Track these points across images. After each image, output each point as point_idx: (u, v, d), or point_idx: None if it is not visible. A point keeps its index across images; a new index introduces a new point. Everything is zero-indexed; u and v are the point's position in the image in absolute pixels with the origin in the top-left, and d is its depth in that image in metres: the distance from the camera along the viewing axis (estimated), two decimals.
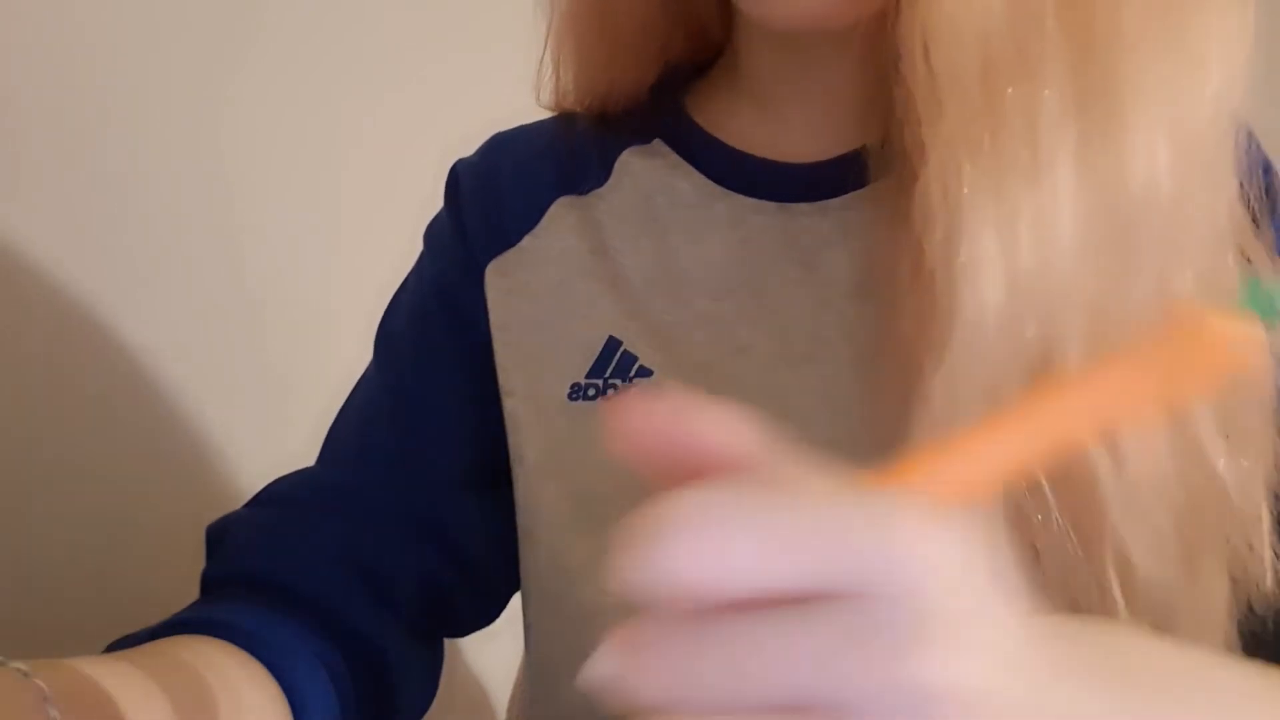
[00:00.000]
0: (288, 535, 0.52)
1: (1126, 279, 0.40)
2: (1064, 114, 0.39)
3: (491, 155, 0.59)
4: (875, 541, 0.22)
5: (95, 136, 0.67)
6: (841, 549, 0.22)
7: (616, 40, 0.54)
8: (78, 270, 0.65)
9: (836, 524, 0.22)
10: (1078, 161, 0.39)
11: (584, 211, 0.54)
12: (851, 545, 0.22)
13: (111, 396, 0.68)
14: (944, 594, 0.22)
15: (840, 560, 0.22)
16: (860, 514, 0.22)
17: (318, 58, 0.79)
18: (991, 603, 0.23)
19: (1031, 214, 0.38)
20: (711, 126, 0.54)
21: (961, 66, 0.39)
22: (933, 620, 0.22)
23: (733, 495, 0.23)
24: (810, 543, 0.22)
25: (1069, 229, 0.39)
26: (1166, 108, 0.39)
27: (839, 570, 0.22)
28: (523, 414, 0.53)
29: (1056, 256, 0.39)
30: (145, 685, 0.39)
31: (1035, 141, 0.38)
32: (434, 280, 0.57)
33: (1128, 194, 0.39)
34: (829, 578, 0.22)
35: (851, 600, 0.22)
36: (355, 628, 0.51)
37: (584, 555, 0.51)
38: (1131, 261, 0.40)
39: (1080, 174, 0.39)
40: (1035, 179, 0.38)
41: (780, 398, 0.47)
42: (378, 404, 0.56)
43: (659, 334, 0.51)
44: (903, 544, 0.22)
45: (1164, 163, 0.39)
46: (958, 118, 0.39)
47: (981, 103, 0.39)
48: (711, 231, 0.51)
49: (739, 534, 0.22)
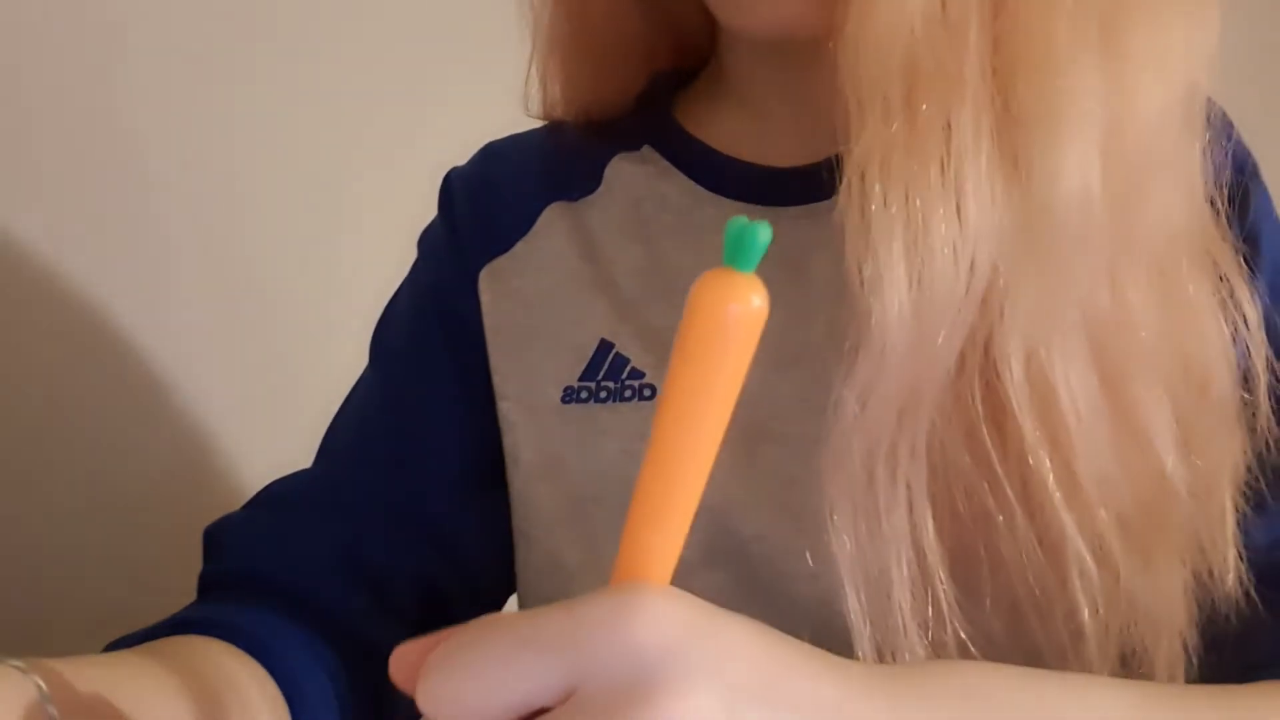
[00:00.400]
0: (285, 536, 0.52)
1: (1058, 287, 0.40)
2: (979, 132, 0.39)
3: (484, 164, 0.59)
4: (584, 642, 0.27)
5: (97, 142, 0.68)
6: (560, 657, 0.27)
7: (601, 56, 0.55)
8: (78, 273, 0.66)
9: (552, 639, 0.28)
10: (993, 179, 0.39)
11: (575, 217, 0.55)
12: (568, 651, 0.27)
13: (110, 398, 0.68)
14: (656, 656, 0.27)
15: (565, 666, 0.27)
16: (570, 623, 0.28)
17: (316, 67, 0.80)
18: (713, 650, 0.29)
19: (942, 230, 0.38)
20: (700, 132, 0.54)
21: (883, 81, 0.39)
22: (653, 677, 0.27)
23: (478, 637, 0.28)
24: (530, 663, 0.28)
25: (986, 246, 0.39)
26: (1098, 122, 0.39)
27: (572, 672, 0.27)
28: (517, 416, 0.53)
29: (970, 271, 0.39)
30: (143, 685, 0.39)
31: (947, 159, 0.39)
32: (428, 286, 0.58)
33: (1051, 208, 0.39)
34: (568, 680, 0.27)
35: (580, 690, 0.27)
36: (352, 628, 0.51)
37: (578, 556, 0.51)
38: (1061, 270, 0.40)
39: (996, 191, 0.39)
40: (946, 196, 0.38)
41: (769, 401, 0.48)
42: (374, 407, 0.57)
43: (651, 336, 0.51)
44: (599, 634, 0.27)
45: (1095, 175, 0.39)
46: (875, 133, 0.39)
47: (899, 118, 0.39)
48: (701, 235, 0.52)
49: (475, 673, 0.28)
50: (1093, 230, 0.40)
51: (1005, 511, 0.40)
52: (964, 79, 0.39)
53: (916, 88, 0.39)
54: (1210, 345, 0.43)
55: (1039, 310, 0.40)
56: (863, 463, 0.40)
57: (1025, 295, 0.39)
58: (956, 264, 0.39)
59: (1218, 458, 0.43)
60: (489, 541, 0.55)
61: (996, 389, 0.40)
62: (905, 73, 0.39)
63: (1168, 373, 0.42)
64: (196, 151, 0.73)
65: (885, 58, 0.39)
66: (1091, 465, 0.40)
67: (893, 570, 0.40)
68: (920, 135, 0.39)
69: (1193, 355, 0.43)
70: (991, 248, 0.39)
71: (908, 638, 0.40)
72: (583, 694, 0.27)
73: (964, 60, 0.39)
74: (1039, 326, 0.40)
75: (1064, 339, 0.40)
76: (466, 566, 0.55)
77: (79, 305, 0.66)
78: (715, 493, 0.32)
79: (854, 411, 0.39)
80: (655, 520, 0.29)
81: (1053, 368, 0.40)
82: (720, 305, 0.27)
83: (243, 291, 0.77)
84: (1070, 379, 0.40)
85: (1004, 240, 0.39)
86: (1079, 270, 0.40)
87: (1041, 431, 0.40)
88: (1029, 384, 0.40)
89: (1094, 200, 0.39)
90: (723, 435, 0.29)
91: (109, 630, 0.46)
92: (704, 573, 0.47)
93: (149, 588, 0.56)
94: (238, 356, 0.77)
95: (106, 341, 0.68)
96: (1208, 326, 0.43)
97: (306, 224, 0.81)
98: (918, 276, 0.38)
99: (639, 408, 0.50)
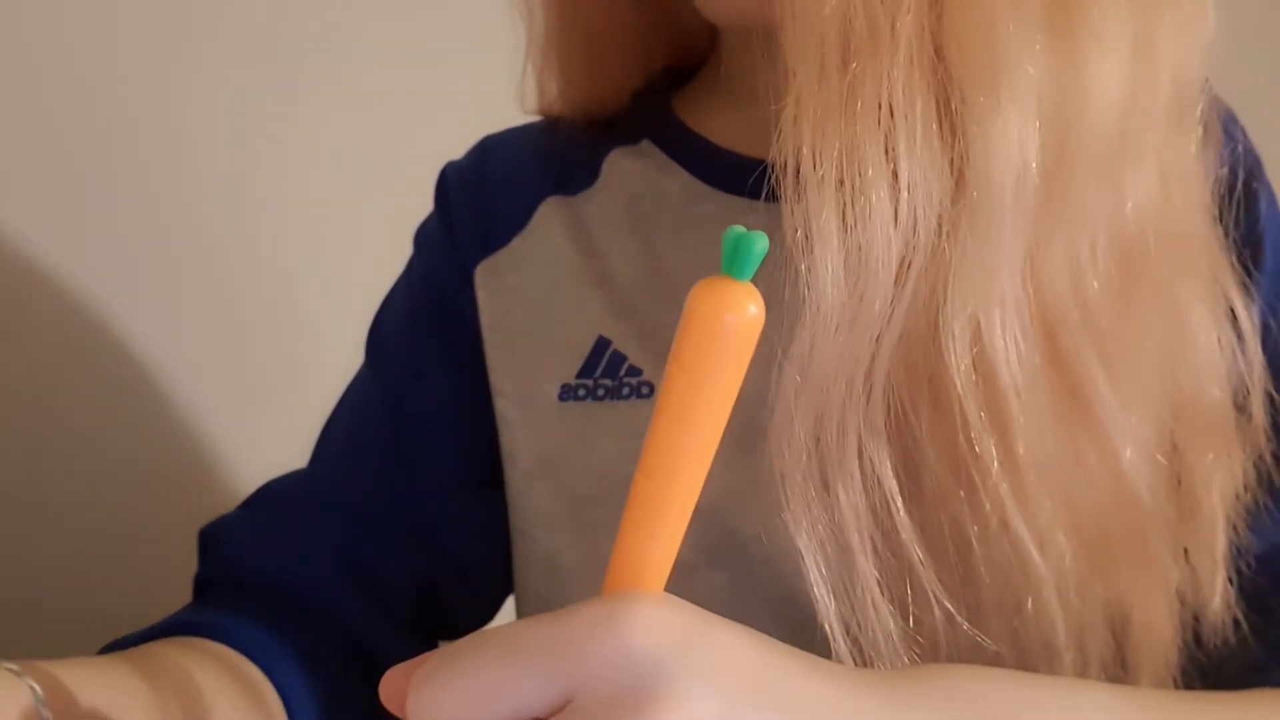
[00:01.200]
0: (281, 537, 0.52)
1: (999, 259, 0.38)
2: (913, 94, 0.37)
3: (481, 158, 0.59)
4: (578, 650, 0.28)
5: (94, 141, 0.67)
6: (554, 666, 0.28)
7: (596, 55, 0.54)
8: (77, 274, 0.66)
9: (545, 648, 0.28)
10: (929, 143, 0.38)
11: (573, 212, 0.54)
12: (561, 660, 0.28)
13: (107, 399, 0.68)
14: (652, 662, 0.28)
15: (559, 674, 0.28)
16: (563, 632, 0.28)
17: (310, 62, 0.80)
18: (708, 654, 0.29)
19: (876, 194, 0.37)
20: (699, 127, 0.54)
21: (816, 41, 0.38)
22: (650, 683, 0.27)
23: (468, 651, 0.28)
24: (523, 672, 0.28)
25: (924, 211, 0.38)
26: (1041, 93, 0.38)
27: (566, 681, 0.28)
28: (514, 414, 0.53)
29: (908, 237, 0.38)
30: (138, 687, 0.39)
31: (880, 121, 0.37)
32: (425, 282, 0.57)
33: (988, 176, 0.38)
34: (562, 689, 0.28)
35: (576, 699, 0.27)
36: (349, 628, 0.51)
37: (576, 555, 0.51)
38: (1001, 241, 0.38)
39: (933, 155, 0.38)
40: (880, 158, 0.37)
41: (770, 400, 0.48)
42: (370, 406, 0.56)
43: (648, 334, 0.51)
44: (594, 643, 0.28)
45: (1034, 147, 0.38)
46: (807, 93, 0.38)
47: (833, 78, 0.38)
48: (699, 231, 0.51)
49: (464, 683, 0.28)
50: (1033, 202, 0.38)
51: (966, 493, 0.40)
52: (898, 39, 0.37)
53: (849, 47, 0.38)
54: (1200, 355, 0.42)
55: (980, 282, 0.38)
56: (809, 433, 0.39)
57: (967, 265, 0.38)
58: (893, 228, 0.38)
59: (1206, 474, 0.42)
60: (486, 540, 0.55)
61: (945, 364, 0.39)
62: (839, 32, 0.38)
63: (1141, 373, 0.41)
64: (193, 150, 0.73)
65: (818, 17, 0.38)
66: (1034, 449, 0.39)
67: (853, 541, 0.39)
68: (854, 95, 0.38)
69: (1179, 363, 0.42)
70: (930, 214, 0.38)
71: (878, 614, 0.39)
72: (578, 703, 0.27)
73: (898, 20, 0.37)
74: (980, 298, 0.38)
75: (1005, 312, 0.39)
76: (464, 565, 0.55)
77: (76, 305, 0.66)
78: (714, 492, 0.32)
79: (795, 380, 0.38)
80: (648, 527, 0.29)
81: (993, 342, 0.39)
82: (717, 314, 0.27)
83: (238, 288, 0.77)
84: (1010, 355, 0.39)
85: (943, 207, 0.38)
86: (1020, 243, 0.39)
87: (985, 412, 0.39)
88: (971, 359, 0.39)
89: (1032, 171, 0.38)
90: (718, 443, 0.28)
91: (104, 632, 0.46)
92: (704, 573, 0.47)
93: (145, 589, 0.56)
94: (233, 355, 0.77)
95: (102, 340, 0.68)
96: (1198, 336, 0.42)
97: (303, 220, 0.80)
98: (854, 241, 0.37)
99: (636, 405, 0.50)
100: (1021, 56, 0.38)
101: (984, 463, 0.39)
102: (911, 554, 0.39)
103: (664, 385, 0.28)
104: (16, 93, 0.63)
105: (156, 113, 0.71)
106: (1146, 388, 0.41)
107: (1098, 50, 0.39)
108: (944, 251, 0.38)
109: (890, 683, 0.33)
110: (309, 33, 0.79)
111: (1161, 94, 0.41)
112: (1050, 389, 0.40)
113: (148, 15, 0.69)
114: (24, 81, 0.63)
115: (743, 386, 0.28)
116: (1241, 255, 0.45)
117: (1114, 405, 0.40)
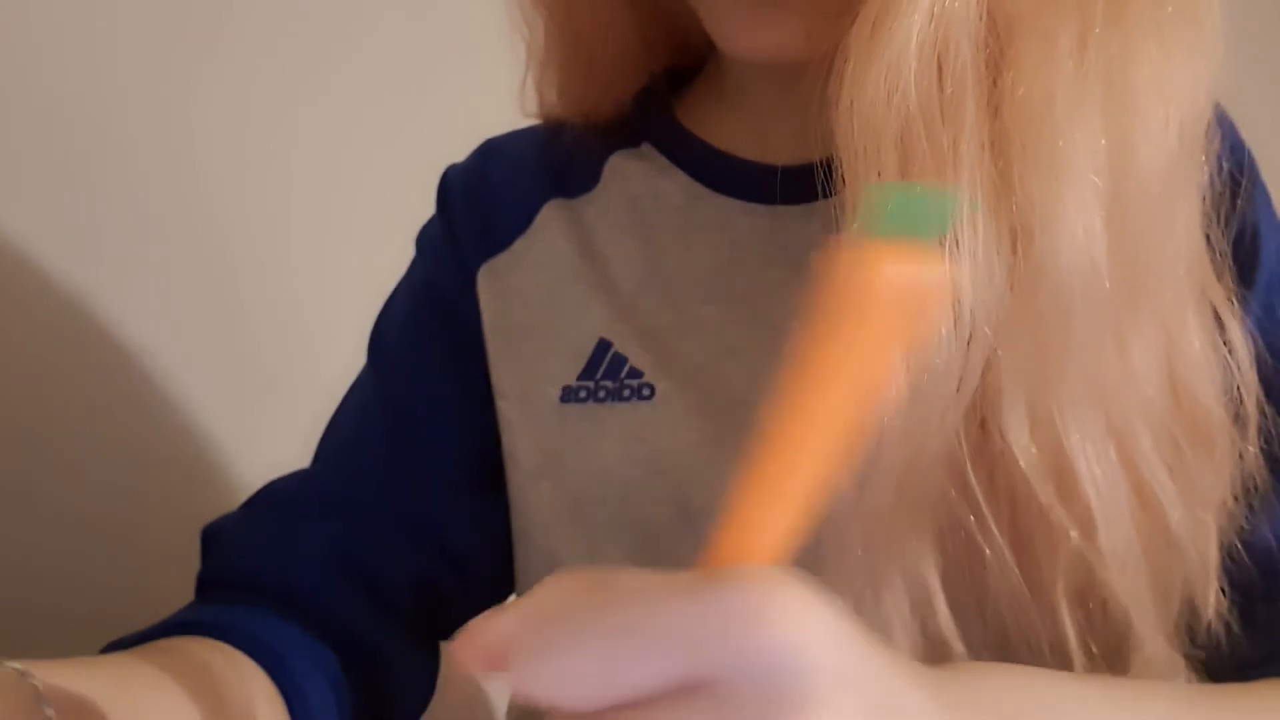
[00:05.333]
0: (283, 537, 0.52)
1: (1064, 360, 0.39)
2: (974, 204, 0.37)
3: (483, 160, 0.59)
4: (711, 635, 0.25)
5: (93, 141, 0.67)
6: (693, 651, 0.25)
7: (595, 68, 0.54)
8: (77, 274, 0.66)
9: (683, 630, 0.25)
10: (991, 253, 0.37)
11: (574, 215, 0.54)
12: (690, 645, 0.25)
13: (108, 399, 0.68)
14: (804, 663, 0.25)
15: (697, 660, 0.25)
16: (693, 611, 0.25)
17: (315, 63, 0.80)
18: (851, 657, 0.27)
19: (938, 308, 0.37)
20: (699, 130, 0.54)
21: (876, 155, 0.38)
22: (804, 684, 0.25)
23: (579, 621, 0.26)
24: (655, 652, 0.25)
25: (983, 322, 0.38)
26: (1102, 186, 0.38)
27: (704, 668, 0.25)
28: (515, 416, 0.53)
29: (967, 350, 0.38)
30: (140, 686, 0.40)
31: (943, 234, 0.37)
32: (426, 284, 0.57)
33: (1054, 281, 0.38)
34: (696, 674, 0.25)
35: (713, 688, 0.25)
36: (351, 628, 0.51)
37: (577, 556, 0.51)
38: (1067, 342, 0.39)
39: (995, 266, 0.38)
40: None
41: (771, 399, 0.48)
42: (372, 407, 0.56)
43: (649, 336, 0.51)
44: (740, 631, 0.25)
45: (1101, 247, 0.38)
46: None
47: None
48: (700, 234, 0.51)
49: (584, 658, 0.25)
50: (1098, 299, 0.39)
51: (992, 547, 0.40)
52: (960, 154, 0.37)
53: (910, 161, 0.37)
54: (1205, 389, 0.42)
55: (1044, 382, 0.38)
56: (862, 544, 0.39)
57: (1027, 369, 0.38)
58: (953, 342, 0.37)
59: (1206, 497, 0.42)
60: (488, 541, 0.55)
61: (999, 464, 0.39)
62: (899, 147, 0.38)
63: (1168, 423, 0.41)
64: (194, 149, 0.73)
65: (879, 132, 0.38)
66: (1113, 537, 0.40)
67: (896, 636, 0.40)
68: None
69: (1189, 401, 0.42)
70: (991, 324, 0.38)
71: None
72: (718, 693, 0.25)
73: (960, 136, 0.37)
74: (1045, 399, 0.38)
75: (1075, 410, 0.39)
76: (465, 566, 0.55)
77: (76, 305, 0.66)
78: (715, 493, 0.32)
79: (851, 494, 0.38)
80: (775, 498, 0.27)
81: (1068, 440, 0.39)
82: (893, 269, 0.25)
83: (238, 288, 0.77)
84: (1088, 451, 0.39)
85: (1004, 315, 0.38)
86: (1086, 340, 0.39)
87: (1065, 508, 0.39)
88: (1041, 457, 0.39)
89: (1100, 270, 0.38)
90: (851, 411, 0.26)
91: (106, 631, 0.46)
92: None
93: (147, 588, 0.55)
94: (233, 354, 0.77)
95: (103, 340, 0.68)
96: (1203, 372, 0.42)
97: (305, 221, 0.80)
98: (914, 358, 0.37)
99: (637, 407, 0.50)
100: (1083, 149, 0.38)
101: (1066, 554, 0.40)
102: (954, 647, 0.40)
103: (803, 339, 0.26)
104: (14, 93, 0.63)
105: (157, 113, 0.71)
106: (1172, 434, 0.41)
107: (1149, 120, 0.39)
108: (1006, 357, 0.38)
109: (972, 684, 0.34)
110: (309, 31, 0.80)
111: (1183, 141, 0.40)
112: (1122, 475, 0.40)
113: (147, 15, 0.69)
114: (22, 81, 0.63)
115: None
116: (1236, 254, 0.45)
117: (1159, 467, 0.40)
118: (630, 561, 0.49)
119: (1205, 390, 0.42)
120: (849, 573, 0.39)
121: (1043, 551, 0.40)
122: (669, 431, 0.48)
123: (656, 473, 0.48)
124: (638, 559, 0.48)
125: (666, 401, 0.49)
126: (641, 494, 0.49)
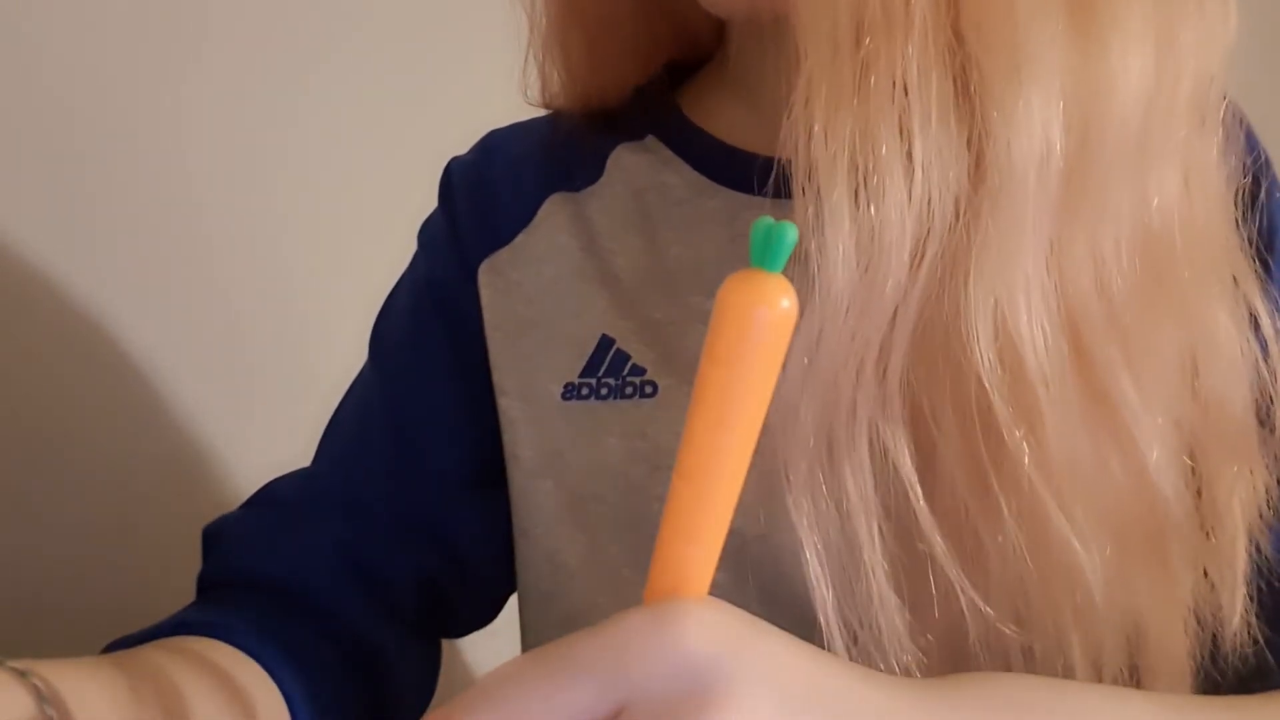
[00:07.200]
0: (284, 536, 0.52)
1: (1021, 245, 0.37)
2: (929, 70, 0.37)
3: (485, 153, 0.59)
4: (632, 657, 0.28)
5: (92, 141, 0.67)
6: (608, 675, 0.28)
7: (600, 46, 0.54)
8: (75, 276, 0.65)
9: (597, 658, 0.28)
10: (946, 122, 0.37)
11: (577, 208, 0.54)
12: (615, 668, 0.28)
13: (108, 399, 0.68)
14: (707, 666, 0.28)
15: (614, 683, 0.28)
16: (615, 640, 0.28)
17: (315, 57, 0.80)
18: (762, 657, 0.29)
19: (890, 173, 0.36)
20: (704, 123, 0.54)
21: (829, 22, 0.37)
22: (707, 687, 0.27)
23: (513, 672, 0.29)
24: (577, 684, 0.28)
25: (940, 193, 0.37)
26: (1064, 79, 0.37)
27: (621, 689, 0.28)
28: (517, 413, 0.53)
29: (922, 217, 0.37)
30: (141, 686, 0.39)
31: (894, 98, 0.37)
32: (428, 280, 0.57)
33: (1010, 158, 0.37)
34: (616, 698, 0.28)
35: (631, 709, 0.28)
36: (352, 628, 0.51)
37: (578, 554, 0.51)
38: (1024, 228, 0.37)
39: (950, 135, 0.37)
40: (894, 136, 0.37)
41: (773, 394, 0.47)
42: (373, 404, 0.56)
43: (652, 332, 0.50)
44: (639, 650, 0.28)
45: (1058, 131, 0.37)
46: (819, 71, 0.37)
47: (846, 57, 0.37)
48: (704, 227, 0.51)
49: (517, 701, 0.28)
50: (1056, 189, 0.38)
51: (996, 484, 0.38)
52: (913, 17, 0.37)
53: (862, 25, 0.37)
54: (1223, 362, 0.41)
55: (1004, 267, 0.37)
56: (817, 419, 0.38)
57: (989, 250, 0.37)
58: (907, 208, 0.37)
59: (1227, 488, 0.41)
60: (489, 539, 0.55)
61: (969, 352, 0.38)
62: (852, 11, 0.37)
63: (1165, 375, 0.40)
64: (193, 148, 0.73)
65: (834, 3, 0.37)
66: (1064, 445, 0.38)
67: (860, 531, 0.38)
68: (867, 73, 0.37)
69: (1202, 368, 0.41)
70: (947, 195, 0.37)
71: (883, 608, 0.38)
72: (636, 709, 0.27)
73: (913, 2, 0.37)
74: (1005, 284, 0.37)
75: (1031, 300, 0.38)
76: (466, 564, 0.55)
77: (75, 306, 0.66)
78: None
79: (802, 364, 0.38)
80: (689, 531, 0.29)
81: (1019, 330, 0.38)
82: (750, 308, 0.26)
83: (236, 287, 0.77)
84: (1037, 344, 0.38)
85: (960, 189, 0.37)
86: (1045, 230, 0.38)
87: (1013, 405, 0.38)
88: (996, 348, 0.38)
89: (1056, 155, 0.37)
90: (755, 440, 0.28)
91: (107, 631, 0.46)
92: None
93: (148, 588, 0.55)
94: (232, 354, 0.77)
95: (101, 340, 0.68)
96: (1221, 342, 0.41)
97: (305, 217, 0.80)
98: (865, 221, 0.36)
99: (640, 405, 0.49)
100: (1043, 39, 0.37)
101: (1015, 455, 0.38)
102: (933, 545, 0.38)
103: (698, 384, 0.27)
104: (11, 92, 0.63)
105: (152, 112, 0.70)
106: (1170, 391, 0.40)
107: (1120, 41, 0.38)
108: (963, 235, 0.37)
109: (939, 689, 0.33)
110: (307, 24, 0.79)
111: (1184, 93, 0.40)
112: (1076, 385, 0.39)
113: (142, 14, 0.69)
114: (19, 81, 0.63)
115: None
116: (1261, 260, 0.44)
117: (1139, 406, 0.39)
118: (631, 559, 0.49)
119: (1222, 363, 0.41)
120: (803, 445, 0.38)
121: (990, 449, 0.38)
122: (671, 429, 0.48)
123: (659, 470, 0.48)
124: (639, 557, 0.48)
125: (669, 399, 0.49)
126: (643, 492, 0.49)
